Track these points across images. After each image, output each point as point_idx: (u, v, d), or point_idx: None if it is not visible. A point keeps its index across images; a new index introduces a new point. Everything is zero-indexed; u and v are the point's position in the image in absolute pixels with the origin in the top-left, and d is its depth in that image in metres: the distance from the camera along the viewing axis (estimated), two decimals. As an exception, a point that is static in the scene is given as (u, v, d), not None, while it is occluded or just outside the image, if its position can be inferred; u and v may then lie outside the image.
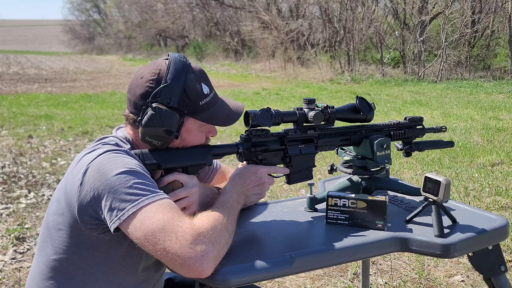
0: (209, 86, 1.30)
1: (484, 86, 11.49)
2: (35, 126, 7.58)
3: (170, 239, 1.05)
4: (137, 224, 1.08)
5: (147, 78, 1.24)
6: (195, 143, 1.31)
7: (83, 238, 1.19)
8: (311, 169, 1.43)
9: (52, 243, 1.23)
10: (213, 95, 1.30)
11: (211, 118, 1.28)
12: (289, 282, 2.71)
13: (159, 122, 1.20)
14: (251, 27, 19.87)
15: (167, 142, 1.25)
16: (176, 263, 1.04)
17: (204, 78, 1.29)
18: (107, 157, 1.15)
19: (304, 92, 11.85)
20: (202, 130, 1.31)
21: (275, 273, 1.17)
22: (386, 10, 16.72)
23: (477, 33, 14.03)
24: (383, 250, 1.30)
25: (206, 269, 1.05)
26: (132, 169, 1.13)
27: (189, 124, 1.27)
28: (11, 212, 3.83)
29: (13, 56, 29.39)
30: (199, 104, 1.26)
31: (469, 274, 2.74)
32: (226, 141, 6.35)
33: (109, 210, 1.10)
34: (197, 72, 1.28)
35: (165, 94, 1.21)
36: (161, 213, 1.08)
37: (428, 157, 5.18)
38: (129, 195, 1.09)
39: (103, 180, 1.11)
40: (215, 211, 1.17)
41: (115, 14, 41.44)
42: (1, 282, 2.76)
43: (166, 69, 1.23)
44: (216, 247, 1.08)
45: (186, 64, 1.25)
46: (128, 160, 1.16)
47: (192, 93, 1.24)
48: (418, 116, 1.59)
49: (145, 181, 1.13)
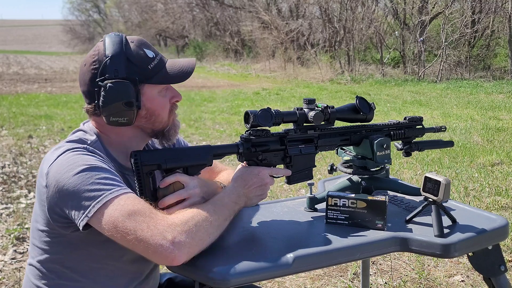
0: (153, 50, 1.29)
1: (484, 86, 11.49)
2: (35, 126, 7.58)
3: (142, 228, 1.07)
4: (106, 218, 1.09)
5: (89, 62, 1.24)
6: (161, 111, 1.29)
7: (60, 237, 1.21)
8: (311, 169, 1.43)
9: (37, 244, 1.26)
10: (160, 58, 1.29)
11: (166, 77, 1.27)
12: (289, 282, 2.71)
13: (115, 96, 1.20)
14: (251, 27, 19.87)
15: (131, 116, 1.23)
16: (149, 251, 1.07)
17: (145, 45, 1.28)
18: (66, 157, 1.16)
19: (304, 92, 11.85)
20: (164, 95, 1.30)
21: (275, 273, 1.17)
22: (386, 10, 16.72)
23: (477, 33, 14.03)
24: (383, 250, 1.30)
25: (178, 257, 1.07)
26: (92, 165, 1.14)
27: (148, 91, 1.26)
28: (11, 212, 3.83)
29: (13, 56, 29.40)
30: (149, 68, 1.25)
31: (469, 274, 2.75)
32: (226, 141, 6.35)
33: (75, 209, 1.12)
34: (136, 41, 1.27)
35: (110, 68, 1.21)
36: (130, 204, 1.11)
37: (428, 157, 5.18)
38: (92, 191, 1.11)
39: (65, 180, 1.12)
40: (200, 206, 1.20)
41: (115, 14, 41.48)
42: (1, 282, 2.76)
43: (103, 47, 1.23)
44: (190, 236, 1.09)
45: (122, 36, 1.26)
46: (86, 157, 1.17)
47: (136, 59, 1.24)
48: (417, 116, 1.59)
49: (107, 175, 1.15)
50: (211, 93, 12.06)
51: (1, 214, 3.81)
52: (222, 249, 1.21)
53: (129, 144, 1.31)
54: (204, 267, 1.13)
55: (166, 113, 1.31)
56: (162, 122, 1.31)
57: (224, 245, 1.24)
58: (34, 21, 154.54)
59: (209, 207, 1.20)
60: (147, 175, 1.21)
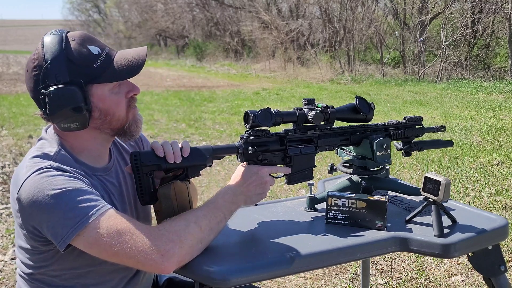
0: (99, 45, 1.20)
1: (484, 86, 11.49)
2: (35, 126, 7.58)
3: (129, 247, 1.07)
4: (90, 240, 1.08)
5: (30, 68, 1.17)
6: (116, 110, 1.22)
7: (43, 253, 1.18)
8: (311, 169, 1.43)
9: (22, 259, 1.25)
10: (107, 53, 1.20)
11: (114, 74, 1.18)
12: (289, 282, 2.71)
13: (60, 103, 1.13)
14: (251, 27, 19.86)
15: (83, 120, 1.17)
16: (139, 265, 1.09)
17: (89, 40, 1.19)
18: (33, 180, 1.10)
19: (304, 92, 11.84)
20: (118, 92, 1.22)
21: (275, 273, 1.17)
22: (386, 10, 16.71)
23: (477, 33, 14.02)
24: (383, 250, 1.30)
25: (168, 267, 1.08)
26: (63, 190, 1.08)
27: (97, 91, 1.18)
28: (11, 212, 3.83)
29: (13, 56, 29.36)
30: (94, 67, 1.16)
31: (469, 274, 2.75)
32: (226, 141, 6.35)
33: (52, 235, 1.10)
34: (78, 37, 1.18)
35: (51, 74, 1.13)
36: (112, 225, 1.08)
37: (428, 157, 5.18)
38: (67, 219, 1.07)
39: (37, 209, 1.08)
40: (190, 212, 1.18)
41: (115, 14, 41.44)
42: (1, 282, 2.76)
43: (42, 50, 1.15)
44: (179, 246, 1.09)
45: (62, 35, 1.17)
46: (54, 180, 1.10)
47: (79, 59, 1.15)
48: (417, 116, 1.59)
49: (81, 197, 1.09)
50: (211, 93, 12.05)
51: (1, 214, 3.81)
52: (222, 249, 1.22)
53: (92, 146, 1.26)
54: (204, 267, 1.13)
55: (123, 110, 1.23)
56: (120, 120, 1.24)
57: (224, 245, 1.24)
58: (34, 21, 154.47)
59: (200, 212, 1.18)
60: (147, 176, 1.21)
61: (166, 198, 1.25)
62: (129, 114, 1.25)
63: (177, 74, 17.93)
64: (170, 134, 6.90)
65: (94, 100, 1.19)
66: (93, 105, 1.19)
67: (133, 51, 1.24)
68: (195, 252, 1.14)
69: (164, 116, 8.40)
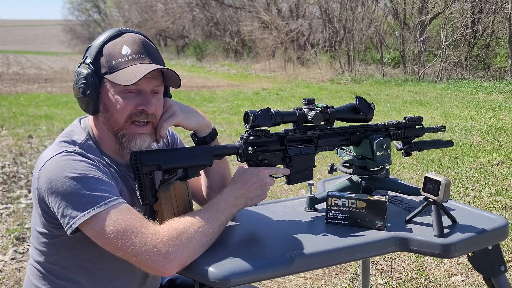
0: (134, 49, 1.22)
1: (484, 86, 11.49)
2: (35, 126, 7.58)
3: (133, 244, 1.09)
4: (96, 230, 1.10)
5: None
6: (116, 111, 1.21)
7: (56, 238, 1.21)
8: (311, 169, 1.43)
9: (36, 245, 1.27)
10: (135, 58, 1.21)
11: (120, 77, 1.20)
12: (289, 282, 2.71)
13: (76, 81, 1.24)
14: (251, 27, 19.86)
15: (88, 105, 1.23)
16: (140, 264, 1.11)
17: (132, 42, 1.23)
18: (56, 161, 1.15)
19: (304, 92, 11.84)
20: (129, 98, 1.21)
21: (275, 273, 1.17)
22: (386, 10, 16.71)
23: (477, 33, 14.03)
24: (383, 250, 1.30)
25: (170, 269, 1.10)
26: (81, 175, 1.12)
27: (107, 85, 1.22)
28: (11, 212, 3.83)
29: (13, 56, 29.39)
30: (112, 63, 1.21)
31: (469, 274, 2.75)
32: (226, 141, 6.35)
33: (62, 216, 1.12)
34: (127, 37, 1.25)
35: (86, 55, 1.25)
36: (120, 220, 1.10)
37: (428, 157, 5.18)
38: (78, 204, 1.10)
39: (54, 186, 1.12)
40: (194, 214, 1.19)
41: (115, 14, 41.44)
42: (1, 282, 2.76)
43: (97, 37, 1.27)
44: (181, 249, 1.11)
45: (119, 29, 1.28)
46: (75, 164, 1.14)
47: (107, 51, 1.23)
48: (417, 116, 1.59)
49: (97, 186, 1.13)
50: (211, 93, 12.06)
51: (1, 214, 3.81)
52: (222, 249, 1.22)
53: (110, 141, 1.27)
54: (204, 267, 1.13)
55: (123, 115, 1.22)
56: (117, 123, 1.23)
57: (224, 245, 1.25)
58: (34, 21, 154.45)
59: (203, 215, 1.20)
60: (147, 175, 1.21)
61: (166, 198, 1.25)
62: (127, 124, 1.23)
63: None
64: (170, 134, 6.89)
65: (102, 92, 1.23)
66: (100, 97, 1.23)
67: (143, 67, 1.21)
68: (196, 255, 1.15)
69: (164, 116, 8.38)
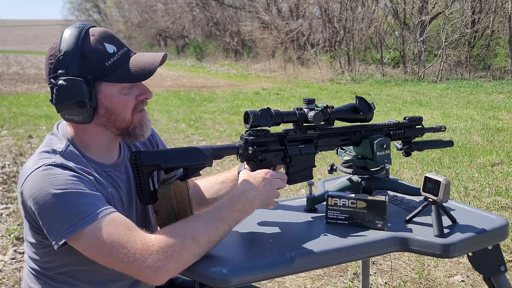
0: (117, 44, 1.20)
1: (484, 86, 11.49)
2: (35, 126, 7.58)
3: (121, 258, 1.08)
4: (84, 246, 1.10)
5: (48, 56, 1.19)
6: (122, 110, 1.21)
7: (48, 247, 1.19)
8: (311, 169, 1.43)
9: (29, 253, 1.26)
10: (123, 53, 1.20)
11: (124, 75, 1.18)
12: (289, 282, 2.71)
13: (66, 95, 1.14)
14: (251, 27, 19.87)
15: (87, 115, 1.17)
16: (133, 274, 1.10)
17: (108, 38, 1.19)
18: (35, 177, 1.11)
19: (304, 92, 11.84)
20: (128, 93, 1.21)
21: (275, 273, 1.17)
22: (386, 10, 16.71)
23: (477, 33, 14.02)
24: (383, 250, 1.30)
25: (160, 279, 1.09)
26: (63, 191, 1.09)
27: (106, 89, 1.18)
28: (11, 212, 3.83)
29: (13, 56, 29.37)
30: (106, 66, 1.16)
31: (469, 274, 2.75)
32: (226, 141, 6.35)
33: (47, 233, 1.11)
34: (98, 34, 1.18)
35: (62, 65, 1.15)
36: (106, 233, 1.08)
37: (428, 157, 5.18)
38: (63, 221, 1.08)
39: (37, 205, 1.10)
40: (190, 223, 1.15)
41: (115, 14, 41.45)
42: (1, 282, 2.76)
43: (60, 41, 1.17)
44: (173, 261, 1.09)
45: (82, 28, 1.18)
46: (57, 179, 1.10)
47: (93, 55, 1.15)
48: (417, 116, 1.59)
49: (81, 201, 1.10)
50: (211, 93, 12.06)
51: (1, 214, 3.81)
52: (222, 249, 1.21)
53: (100, 142, 1.25)
54: (204, 267, 1.13)
55: (129, 111, 1.22)
56: (124, 121, 1.23)
57: (224, 245, 1.24)
58: (34, 21, 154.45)
59: (199, 224, 1.15)
60: (147, 175, 1.21)
61: (166, 198, 1.25)
62: (134, 116, 1.24)
63: (177, 74, 17.93)
64: (170, 134, 6.90)
65: (101, 97, 1.19)
66: (99, 102, 1.19)
67: (150, 55, 1.23)
68: (190, 264, 1.13)
69: (164, 116, 8.40)
